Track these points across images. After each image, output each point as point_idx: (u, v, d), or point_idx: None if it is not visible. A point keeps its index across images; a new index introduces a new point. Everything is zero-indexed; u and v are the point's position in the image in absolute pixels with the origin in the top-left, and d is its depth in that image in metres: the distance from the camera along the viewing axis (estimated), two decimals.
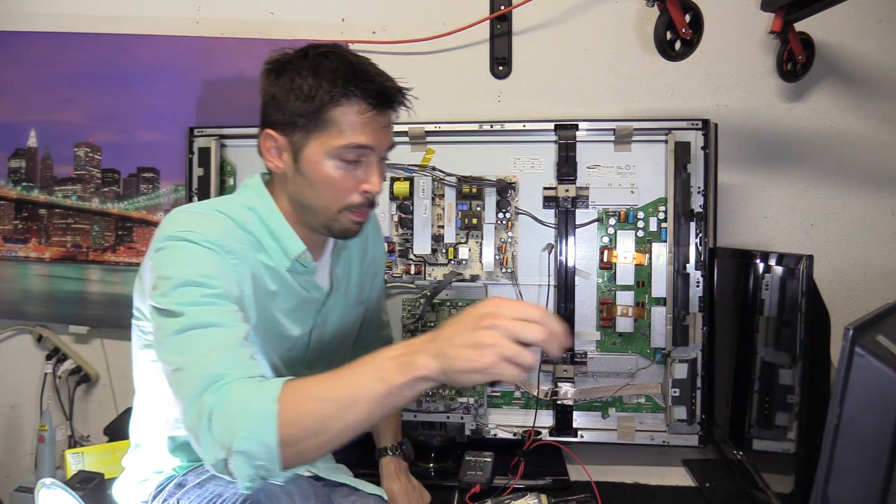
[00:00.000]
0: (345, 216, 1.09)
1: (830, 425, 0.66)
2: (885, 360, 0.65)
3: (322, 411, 0.82)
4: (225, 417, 0.83)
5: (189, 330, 0.92)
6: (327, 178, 1.05)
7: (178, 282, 0.95)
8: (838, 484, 0.67)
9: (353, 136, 1.04)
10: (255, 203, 1.11)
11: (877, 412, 0.64)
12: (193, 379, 0.88)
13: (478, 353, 0.76)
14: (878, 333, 0.69)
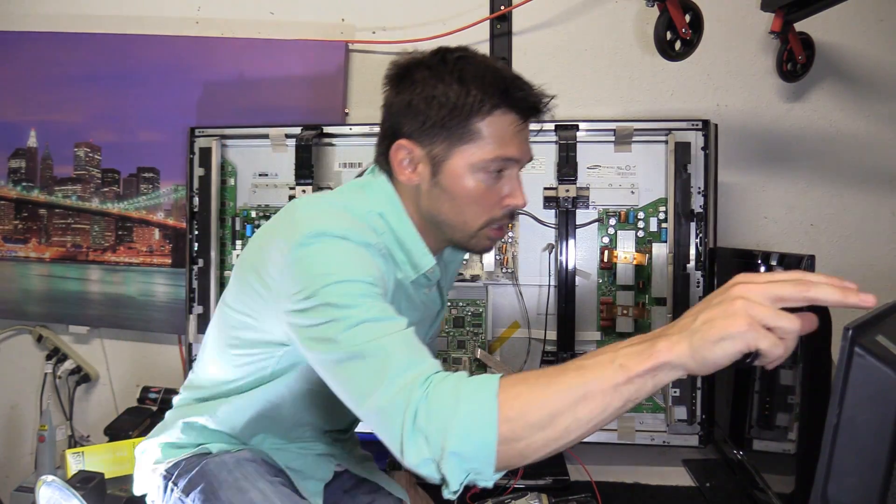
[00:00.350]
0: (484, 233, 1.02)
1: (830, 425, 0.66)
2: (885, 359, 0.65)
3: (550, 404, 0.73)
4: (437, 413, 0.75)
5: (363, 323, 0.83)
6: (472, 193, 0.98)
7: (343, 277, 0.87)
8: (838, 484, 0.66)
9: (502, 148, 0.97)
10: (385, 209, 1.02)
11: (876, 412, 0.64)
12: (387, 361, 0.80)
13: (728, 319, 0.67)
14: (877, 333, 0.69)
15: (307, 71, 1.94)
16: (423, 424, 0.75)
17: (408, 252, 1.03)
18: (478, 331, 1.70)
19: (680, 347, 0.69)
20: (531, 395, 0.74)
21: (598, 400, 0.72)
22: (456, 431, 0.74)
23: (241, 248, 1.79)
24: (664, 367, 0.70)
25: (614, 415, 0.74)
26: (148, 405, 1.92)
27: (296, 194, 1.71)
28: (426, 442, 0.75)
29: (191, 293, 1.78)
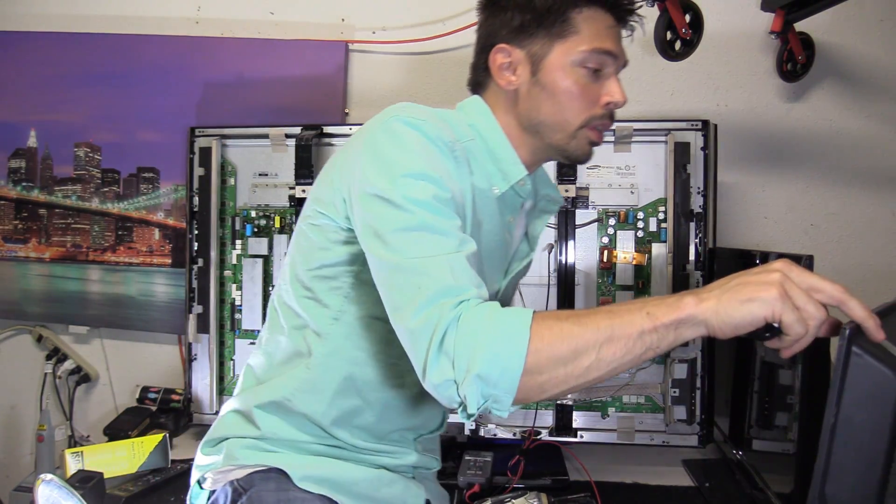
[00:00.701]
0: (583, 134, 1.00)
1: (827, 424, 0.67)
2: (882, 359, 0.65)
3: (578, 340, 0.75)
4: (467, 336, 0.76)
5: (418, 230, 0.84)
6: (572, 88, 0.97)
7: (409, 171, 0.87)
8: (836, 483, 0.67)
9: (600, 41, 0.97)
10: (475, 119, 1.03)
11: (874, 411, 0.65)
12: (425, 284, 0.80)
13: (763, 286, 0.71)
14: None
15: (307, 71, 1.94)
16: (450, 347, 0.77)
17: (497, 160, 1.01)
18: None
19: (707, 304, 0.73)
20: (561, 329, 0.76)
21: (622, 343, 0.75)
22: (484, 355, 0.75)
23: (241, 248, 1.79)
24: (689, 320, 0.73)
25: (634, 361, 0.76)
26: (147, 405, 1.92)
27: (295, 194, 1.71)
28: (451, 363, 0.76)
29: (191, 293, 1.78)
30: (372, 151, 0.91)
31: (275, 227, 1.77)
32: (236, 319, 1.79)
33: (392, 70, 1.94)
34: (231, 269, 1.80)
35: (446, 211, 0.87)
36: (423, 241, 0.84)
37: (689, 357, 1.61)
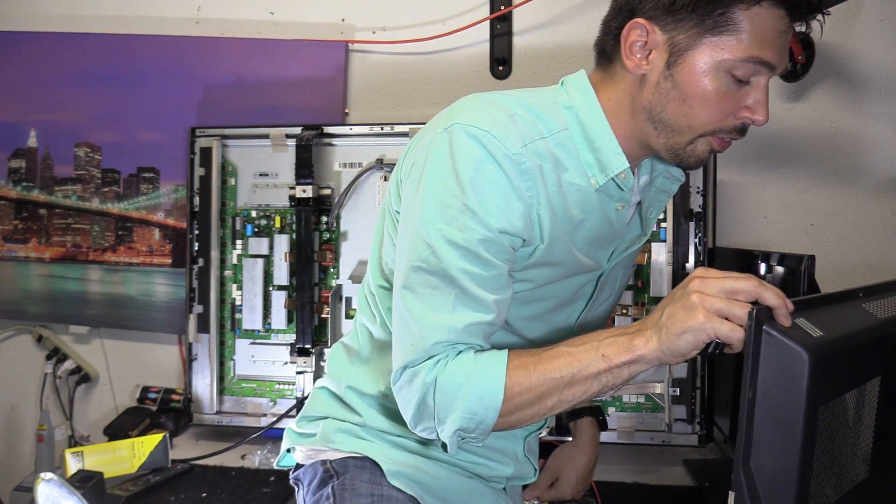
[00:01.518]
0: (706, 142, 0.87)
1: (745, 400, 0.70)
2: (790, 336, 0.69)
3: (543, 387, 0.82)
4: (446, 397, 0.83)
5: (436, 276, 0.83)
6: (709, 95, 0.83)
7: (448, 200, 0.82)
8: (759, 455, 0.70)
9: (761, 48, 0.81)
10: (575, 101, 0.90)
11: (788, 385, 0.68)
12: (417, 349, 0.84)
13: (689, 313, 0.74)
14: (799, 317, 0.72)
15: (307, 71, 1.94)
16: (432, 404, 0.83)
17: (596, 151, 0.89)
18: None
19: (652, 343, 0.78)
20: (529, 380, 0.82)
21: (581, 385, 0.82)
22: (462, 415, 0.82)
23: (242, 248, 1.79)
24: (639, 360, 0.79)
25: (592, 397, 0.85)
26: (148, 405, 1.92)
27: (296, 194, 1.71)
28: (433, 419, 0.84)
29: (191, 293, 1.78)
30: (428, 169, 0.86)
31: (275, 227, 1.77)
32: (237, 319, 1.79)
33: (392, 70, 1.94)
34: (231, 269, 1.80)
35: (484, 257, 0.83)
36: (435, 292, 0.83)
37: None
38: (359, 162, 1.75)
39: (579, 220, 0.91)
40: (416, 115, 1.88)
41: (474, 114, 0.86)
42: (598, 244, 0.95)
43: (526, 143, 0.84)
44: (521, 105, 0.88)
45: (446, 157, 0.84)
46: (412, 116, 1.87)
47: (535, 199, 0.86)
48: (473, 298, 0.83)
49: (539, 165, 0.85)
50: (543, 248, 0.89)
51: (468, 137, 0.83)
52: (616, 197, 0.92)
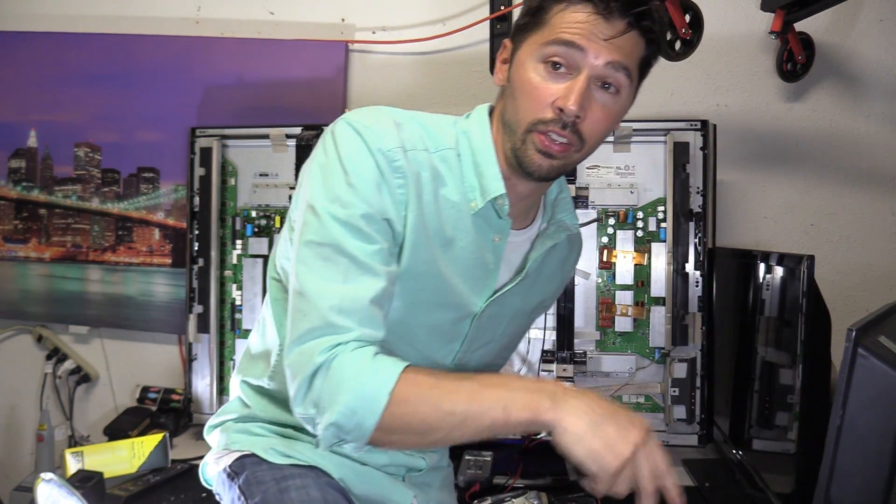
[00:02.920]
0: (532, 139, 0.88)
1: (833, 427, 0.66)
2: (888, 360, 0.65)
3: (432, 418, 0.80)
4: (331, 384, 0.80)
5: (328, 247, 0.84)
6: (526, 84, 0.88)
7: (333, 179, 0.87)
8: (841, 485, 0.67)
9: (562, 32, 0.85)
10: (470, 127, 0.96)
11: (879, 413, 0.64)
12: (310, 316, 0.83)
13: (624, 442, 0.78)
14: (879, 334, 0.69)
15: (307, 71, 1.94)
16: (317, 390, 0.81)
17: (481, 175, 0.92)
18: None
19: (566, 422, 0.76)
20: (419, 403, 0.79)
21: (472, 429, 0.79)
22: (343, 408, 0.79)
23: (242, 248, 1.79)
24: (539, 423, 0.77)
25: (480, 439, 0.81)
26: (147, 405, 1.92)
27: None
28: (314, 405, 0.81)
29: (191, 293, 1.78)
30: (316, 157, 0.91)
31: (275, 227, 1.78)
32: (236, 319, 1.79)
33: (392, 70, 1.94)
34: (231, 269, 1.80)
35: (366, 232, 0.85)
36: (327, 263, 0.84)
37: (689, 356, 1.61)
38: None
39: (450, 236, 0.92)
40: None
41: (362, 113, 0.92)
42: (472, 276, 0.96)
43: (406, 149, 0.89)
44: (415, 120, 0.94)
45: (331, 144, 0.89)
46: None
47: (405, 199, 0.88)
48: (363, 266, 0.84)
49: (416, 172, 0.89)
50: (406, 253, 0.90)
51: (350, 129, 0.89)
52: (495, 226, 0.95)
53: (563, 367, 1.65)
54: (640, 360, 1.66)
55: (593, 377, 1.67)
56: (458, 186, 0.92)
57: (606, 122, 0.90)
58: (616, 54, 0.86)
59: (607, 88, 0.88)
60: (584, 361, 1.66)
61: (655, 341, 1.64)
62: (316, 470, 0.97)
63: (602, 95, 0.88)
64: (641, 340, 1.66)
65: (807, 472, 1.08)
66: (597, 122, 0.88)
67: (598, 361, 1.66)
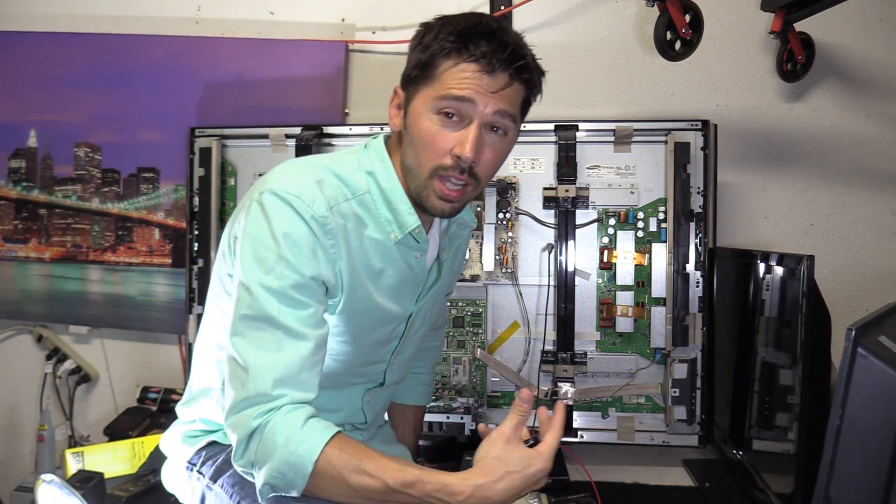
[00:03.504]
0: (433, 184, 0.99)
1: (833, 426, 0.66)
2: (888, 360, 0.65)
3: (344, 498, 0.89)
4: (264, 449, 0.88)
5: (262, 321, 0.92)
6: (424, 134, 0.98)
7: (263, 254, 0.93)
8: (841, 485, 0.67)
9: (454, 87, 0.96)
10: (375, 167, 1.04)
11: (879, 413, 0.64)
12: (248, 386, 0.90)
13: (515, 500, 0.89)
14: (879, 334, 0.69)
15: (307, 71, 1.94)
16: (252, 452, 0.89)
17: (394, 211, 1.03)
18: (477, 331, 1.70)
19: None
20: (339, 483, 0.88)
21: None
22: (273, 472, 0.88)
23: None
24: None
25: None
26: (148, 405, 1.92)
27: None
28: (250, 465, 0.90)
29: (191, 293, 1.78)
30: (247, 229, 0.96)
31: None
32: None
33: (392, 70, 1.94)
34: None
35: (298, 299, 0.93)
36: (262, 334, 0.92)
37: (690, 357, 1.61)
38: None
39: (380, 268, 1.04)
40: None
41: (285, 180, 0.97)
42: (403, 290, 1.08)
43: (332, 206, 0.97)
44: (328, 171, 1.01)
45: (262, 218, 0.95)
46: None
47: (338, 254, 0.98)
48: (295, 335, 0.92)
49: (343, 224, 0.99)
50: (345, 297, 1.01)
51: (280, 201, 0.95)
52: (414, 247, 1.07)
53: (564, 368, 1.65)
54: (641, 360, 1.66)
55: (593, 378, 1.67)
56: (377, 225, 1.03)
57: (497, 160, 1.03)
58: (502, 104, 0.98)
59: (496, 131, 1.00)
60: (584, 362, 1.66)
61: (656, 342, 1.64)
62: None
63: (492, 138, 1.00)
64: (642, 341, 1.66)
65: (807, 472, 1.08)
66: (489, 162, 1.01)
67: (599, 362, 1.66)
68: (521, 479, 0.90)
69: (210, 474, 1.06)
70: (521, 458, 0.93)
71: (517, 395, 0.98)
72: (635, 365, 1.65)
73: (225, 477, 1.04)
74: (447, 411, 1.65)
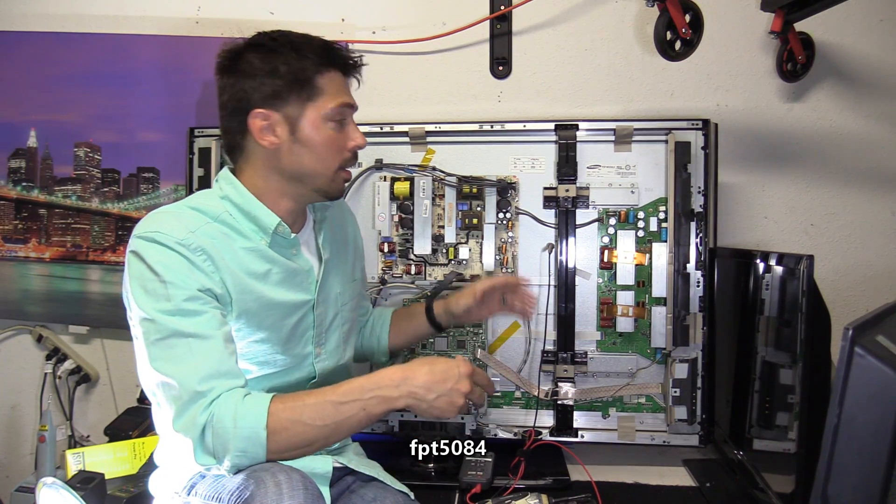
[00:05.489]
0: (340, 175, 1.21)
1: (830, 425, 0.67)
2: (885, 359, 0.65)
3: (309, 435, 1.02)
4: (219, 436, 0.99)
5: (168, 338, 1.02)
6: (327, 140, 1.17)
7: (150, 286, 1.04)
8: (838, 484, 0.67)
9: (342, 97, 1.18)
10: (227, 192, 1.18)
11: (876, 412, 0.64)
12: (181, 393, 1.00)
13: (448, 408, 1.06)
14: (877, 333, 0.69)
15: None
16: (209, 443, 0.99)
17: (254, 219, 1.16)
18: (478, 331, 1.70)
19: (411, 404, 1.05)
20: (295, 426, 1.01)
21: (345, 431, 1.05)
22: (234, 452, 0.99)
23: None
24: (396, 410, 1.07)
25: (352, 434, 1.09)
26: (148, 405, 1.91)
27: None
28: (212, 455, 1.00)
29: None
30: (130, 276, 1.07)
31: None
32: None
33: (392, 70, 1.94)
34: None
35: (192, 310, 1.03)
36: (174, 349, 1.02)
37: (690, 357, 1.61)
38: (359, 162, 1.75)
39: (265, 270, 1.15)
40: (416, 115, 1.88)
41: (146, 224, 1.09)
42: (293, 282, 1.20)
43: (193, 230, 1.08)
44: (186, 206, 1.14)
45: (137, 261, 1.06)
46: (412, 116, 1.87)
47: (214, 267, 1.08)
48: (201, 337, 1.03)
49: (210, 242, 1.09)
50: (236, 302, 1.11)
51: (146, 241, 1.07)
52: (287, 245, 1.20)
53: (564, 368, 1.65)
54: (641, 360, 1.66)
55: (594, 377, 1.67)
56: (243, 236, 1.15)
57: None
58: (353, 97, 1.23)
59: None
60: (584, 362, 1.66)
61: (656, 342, 1.64)
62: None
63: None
64: (642, 341, 1.66)
65: (807, 471, 1.08)
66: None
67: (599, 362, 1.66)
68: (442, 363, 1.08)
69: (209, 494, 1.07)
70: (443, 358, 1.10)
71: None
72: (636, 365, 1.66)
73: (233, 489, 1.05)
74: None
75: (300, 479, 1.02)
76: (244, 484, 1.01)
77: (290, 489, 0.98)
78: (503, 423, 1.69)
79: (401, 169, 1.73)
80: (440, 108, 1.90)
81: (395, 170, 1.73)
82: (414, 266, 1.72)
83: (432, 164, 1.72)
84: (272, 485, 0.99)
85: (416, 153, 1.74)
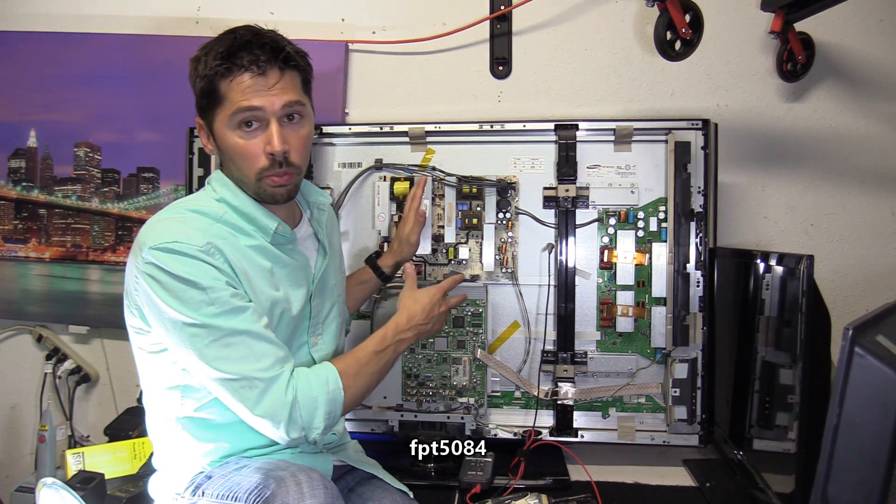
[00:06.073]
0: (265, 182, 1.15)
1: (830, 425, 0.67)
2: (885, 359, 0.65)
3: (369, 382, 1.19)
4: (305, 408, 1.07)
5: (223, 338, 1.05)
6: (234, 148, 1.13)
7: (186, 295, 1.04)
8: (838, 484, 0.67)
9: (240, 101, 1.10)
10: (222, 194, 1.17)
11: (876, 412, 0.64)
12: (253, 383, 1.05)
13: (439, 325, 1.35)
14: (878, 333, 0.69)
15: None
16: (298, 417, 1.07)
17: (252, 220, 1.17)
18: (478, 331, 1.70)
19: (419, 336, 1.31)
20: (360, 383, 1.17)
21: (386, 369, 1.23)
22: (323, 417, 1.09)
23: None
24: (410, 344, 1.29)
25: None
26: None
27: None
28: (302, 430, 1.08)
29: None
30: (157, 289, 1.06)
31: None
32: None
33: (392, 70, 1.94)
34: None
35: (237, 306, 1.07)
36: (234, 347, 1.06)
37: (690, 357, 1.61)
38: (358, 162, 1.75)
39: (270, 266, 1.17)
40: (416, 115, 1.88)
41: (156, 236, 1.08)
42: (298, 278, 1.22)
43: (205, 235, 1.09)
44: (185, 210, 1.14)
45: (162, 273, 1.05)
46: (412, 116, 1.87)
47: (230, 266, 1.10)
48: (253, 334, 1.07)
49: (223, 243, 1.10)
50: (253, 298, 1.12)
51: (164, 253, 1.06)
52: (287, 241, 1.21)
53: (564, 368, 1.65)
54: (641, 360, 1.66)
55: (594, 377, 1.67)
56: (247, 234, 1.16)
57: (305, 143, 1.18)
58: (285, 95, 1.13)
59: (293, 119, 1.15)
60: (584, 362, 1.66)
61: (656, 342, 1.64)
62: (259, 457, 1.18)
63: (293, 126, 1.15)
64: (642, 341, 1.66)
65: (807, 471, 1.08)
66: (300, 147, 1.16)
67: (599, 362, 1.66)
68: (426, 298, 1.31)
69: (219, 493, 1.10)
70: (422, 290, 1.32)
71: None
72: (636, 365, 1.65)
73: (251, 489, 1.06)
74: (447, 411, 1.65)
75: (319, 478, 1.04)
76: (263, 483, 1.03)
77: (310, 488, 1.00)
78: (503, 424, 1.69)
79: (400, 169, 1.73)
80: (440, 108, 1.90)
81: (395, 170, 1.73)
82: (414, 266, 1.72)
83: (432, 164, 1.72)
84: (293, 484, 1.01)
85: (415, 153, 1.74)
